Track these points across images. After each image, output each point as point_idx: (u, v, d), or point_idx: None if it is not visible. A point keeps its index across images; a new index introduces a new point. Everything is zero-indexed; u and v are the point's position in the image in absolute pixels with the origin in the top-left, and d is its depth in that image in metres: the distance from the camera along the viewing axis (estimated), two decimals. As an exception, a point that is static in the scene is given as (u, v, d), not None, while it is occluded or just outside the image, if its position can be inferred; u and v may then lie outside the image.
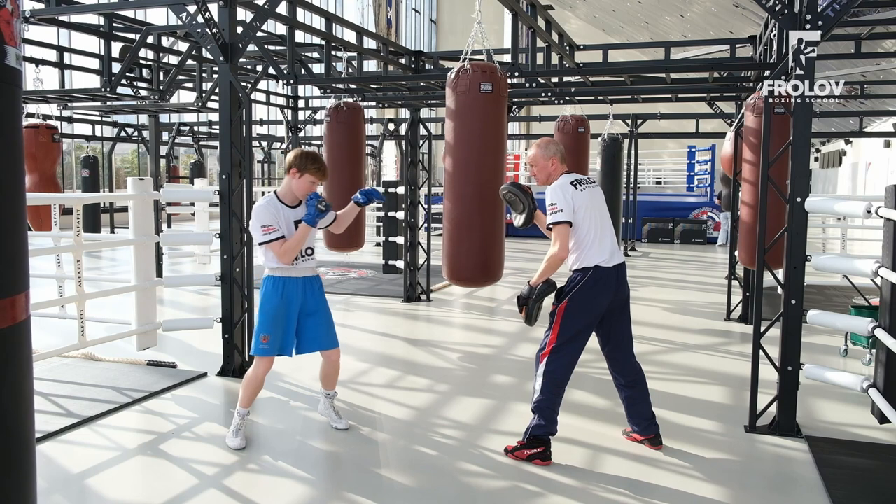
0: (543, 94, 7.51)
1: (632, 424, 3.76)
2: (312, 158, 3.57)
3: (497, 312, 7.69)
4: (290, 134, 12.46)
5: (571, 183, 3.51)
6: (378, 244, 11.68)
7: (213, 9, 4.83)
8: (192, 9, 4.93)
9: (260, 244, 3.55)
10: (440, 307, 7.73)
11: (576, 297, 3.46)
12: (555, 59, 6.85)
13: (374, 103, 9.02)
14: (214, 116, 13.61)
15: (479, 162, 4.39)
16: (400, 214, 9.08)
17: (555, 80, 7.05)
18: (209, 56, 6.64)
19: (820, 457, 3.56)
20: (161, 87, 8.17)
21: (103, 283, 8.39)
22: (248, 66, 8.61)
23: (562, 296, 3.52)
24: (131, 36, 7.57)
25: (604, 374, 5.13)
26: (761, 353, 3.98)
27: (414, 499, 3.13)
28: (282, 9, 5.63)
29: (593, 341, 3.60)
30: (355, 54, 7.67)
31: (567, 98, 7.95)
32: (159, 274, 8.28)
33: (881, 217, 3.24)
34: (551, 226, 3.48)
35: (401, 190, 9.13)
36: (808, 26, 3.68)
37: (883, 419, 3.33)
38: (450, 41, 31.48)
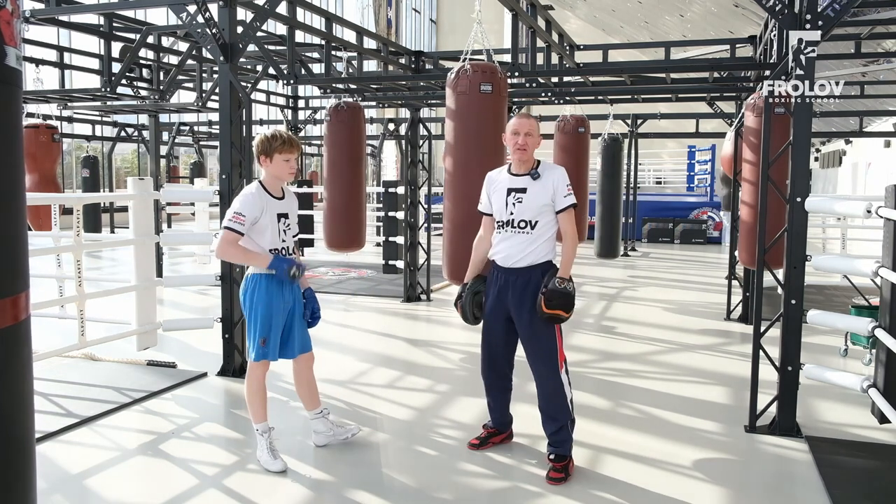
0: (543, 94, 7.51)
1: (502, 425, 3.72)
2: (273, 137, 3.36)
3: (497, 312, 7.67)
4: (290, 134, 12.44)
5: None
6: (378, 244, 11.68)
7: (213, 9, 4.83)
8: (192, 9, 4.94)
9: (222, 226, 3.30)
10: (440, 307, 7.73)
11: None
12: (555, 59, 6.85)
13: (374, 103, 9.02)
14: (214, 116, 13.61)
15: (479, 162, 4.39)
16: (400, 214, 9.08)
17: (555, 80, 7.05)
18: (209, 56, 6.65)
19: (820, 457, 3.55)
20: (161, 87, 8.17)
21: (103, 283, 8.39)
22: (248, 66, 8.61)
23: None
24: (131, 36, 7.57)
25: (603, 374, 5.14)
26: (761, 353, 3.98)
27: (414, 499, 3.13)
28: (282, 9, 5.62)
29: (592, 341, 3.59)
30: (355, 54, 7.67)
31: (567, 98, 7.95)
32: (159, 274, 8.27)
33: (881, 217, 3.24)
34: (566, 209, 3.30)
35: (401, 190, 9.13)
36: (808, 26, 3.68)
37: (883, 419, 3.32)
38: (450, 41, 31.45)
